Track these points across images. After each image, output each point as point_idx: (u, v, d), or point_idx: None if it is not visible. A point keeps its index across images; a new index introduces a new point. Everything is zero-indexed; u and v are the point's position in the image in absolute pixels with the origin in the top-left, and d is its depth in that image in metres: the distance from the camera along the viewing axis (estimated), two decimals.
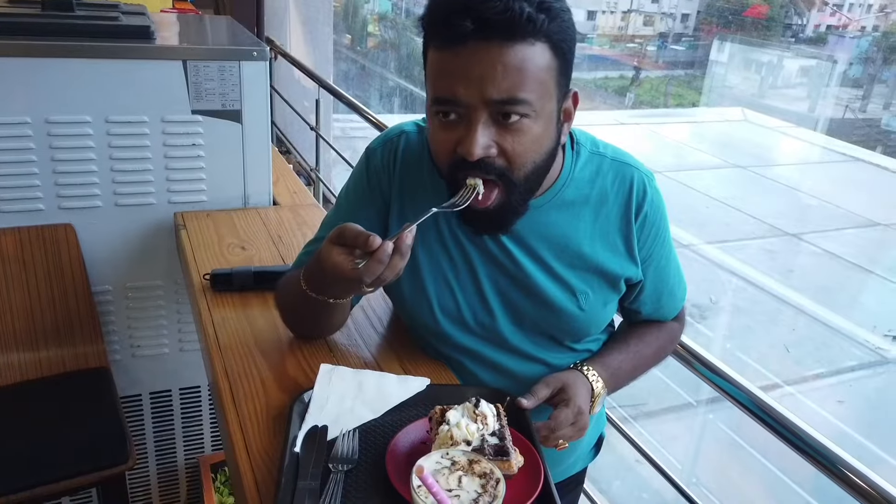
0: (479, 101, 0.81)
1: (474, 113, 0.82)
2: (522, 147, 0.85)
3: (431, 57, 0.85)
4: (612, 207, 0.99)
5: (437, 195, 0.98)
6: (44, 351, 1.67)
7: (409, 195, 1.02)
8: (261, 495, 0.84)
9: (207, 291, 1.32)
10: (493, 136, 0.84)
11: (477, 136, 0.82)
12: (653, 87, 18.96)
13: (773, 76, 17.52)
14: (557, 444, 0.93)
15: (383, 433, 0.92)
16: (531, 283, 0.99)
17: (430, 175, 1.00)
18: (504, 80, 0.80)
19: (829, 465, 1.03)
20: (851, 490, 1.00)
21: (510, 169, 0.86)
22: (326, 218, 1.11)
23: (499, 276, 1.00)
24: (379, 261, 0.82)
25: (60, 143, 1.59)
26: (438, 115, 0.86)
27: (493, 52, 0.79)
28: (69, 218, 1.66)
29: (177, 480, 2.02)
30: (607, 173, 0.99)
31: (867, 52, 16.90)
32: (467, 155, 0.83)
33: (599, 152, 1.01)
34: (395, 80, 12.82)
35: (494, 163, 0.85)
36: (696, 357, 1.28)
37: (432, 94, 0.86)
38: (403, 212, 1.02)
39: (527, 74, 0.81)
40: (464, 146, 0.83)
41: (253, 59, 1.67)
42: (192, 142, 1.69)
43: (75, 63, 1.55)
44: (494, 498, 0.63)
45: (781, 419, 1.11)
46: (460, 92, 0.82)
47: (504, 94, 0.81)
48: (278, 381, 1.05)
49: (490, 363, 1.05)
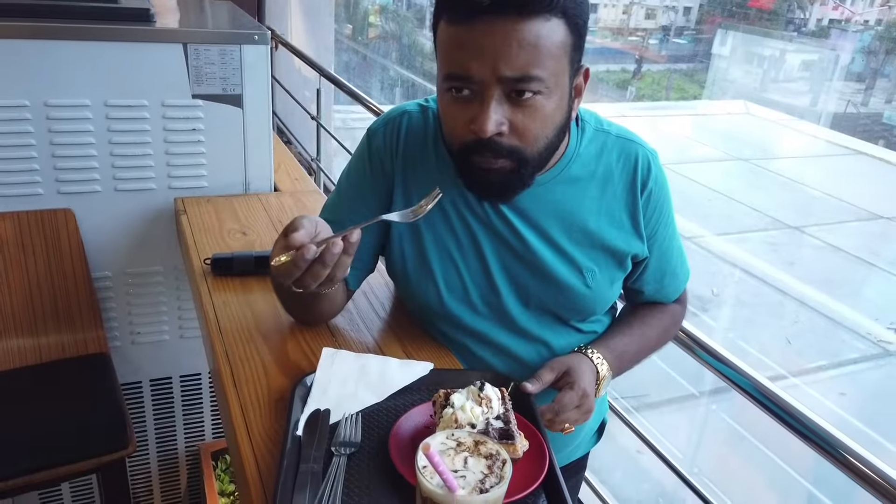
0: (493, 78, 0.80)
1: (487, 90, 0.81)
2: (535, 124, 0.84)
3: (443, 31, 0.84)
4: (618, 184, 0.99)
5: (441, 172, 0.98)
6: (43, 337, 1.66)
7: (413, 173, 1.00)
8: (262, 479, 0.83)
9: (208, 276, 1.31)
10: (506, 113, 0.83)
11: (490, 112, 0.81)
12: (654, 81, 18.89)
13: (776, 70, 17.45)
14: (563, 427, 0.92)
15: (386, 417, 0.91)
16: (538, 260, 0.98)
17: (435, 152, 0.99)
18: (518, 57, 0.79)
19: (831, 448, 1.03)
20: (852, 474, 1.00)
21: (522, 146, 0.85)
22: (328, 201, 1.10)
23: (505, 254, 0.99)
24: (295, 263, 0.79)
25: (60, 126, 1.57)
26: (451, 90, 0.85)
27: (507, 28, 0.78)
28: (69, 203, 1.64)
29: (177, 468, 2.01)
30: (612, 150, 0.99)
31: (869, 46, 16.83)
32: (480, 132, 0.82)
33: (604, 129, 1.00)
34: (397, 71, 12.78)
35: (506, 142, 0.84)
36: (699, 344, 1.27)
37: (445, 69, 0.84)
38: (408, 189, 1.00)
39: (541, 51, 0.80)
40: (476, 123, 0.82)
41: (254, 42, 1.65)
42: (192, 126, 1.67)
43: (75, 46, 1.53)
44: (501, 479, 0.61)
45: (783, 404, 1.11)
46: (473, 68, 0.81)
47: (518, 71, 0.80)
48: (280, 365, 1.04)
49: (495, 345, 1.04)
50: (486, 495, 0.60)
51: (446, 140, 0.92)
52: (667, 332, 1.15)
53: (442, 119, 0.91)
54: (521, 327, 1.02)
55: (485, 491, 0.60)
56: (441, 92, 0.87)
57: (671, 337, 1.19)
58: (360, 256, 1.00)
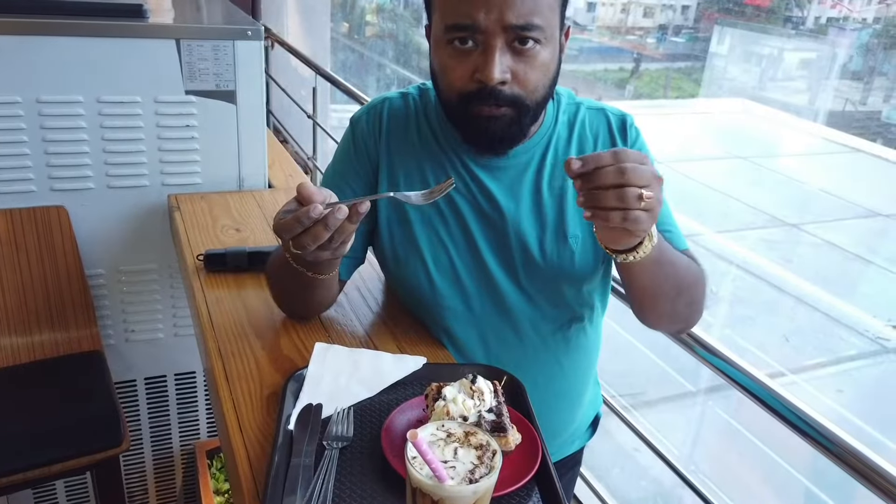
0: (498, 25, 0.85)
1: (492, 38, 0.85)
2: (535, 72, 0.89)
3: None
4: (596, 146, 1.02)
5: (426, 155, 1.01)
6: (37, 334, 1.66)
7: (398, 155, 1.03)
8: (254, 473, 0.83)
9: (201, 272, 1.30)
10: (509, 62, 0.87)
11: (496, 59, 0.85)
12: (652, 79, 18.90)
13: (774, 68, 17.47)
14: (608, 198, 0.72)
15: (379, 411, 0.91)
16: (521, 230, 0.99)
17: (418, 134, 1.02)
18: (522, 6, 0.84)
19: (828, 444, 1.02)
20: (850, 469, 0.99)
21: (523, 94, 0.89)
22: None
23: (490, 229, 1.00)
24: (299, 219, 0.79)
25: (52, 123, 1.57)
26: (453, 42, 0.88)
27: None
28: (61, 200, 1.64)
29: (172, 466, 2.01)
30: (584, 118, 1.03)
31: (868, 44, 16.85)
32: (487, 79, 0.86)
33: (576, 101, 1.05)
34: (394, 69, 12.77)
35: (508, 90, 0.88)
36: (697, 341, 1.27)
37: (449, 20, 0.87)
38: (393, 171, 1.02)
39: (540, 1, 0.85)
40: (483, 71, 0.86)
41: (247, 38, 1.65)
42: (185, 122, 1.67)
43: (67, 41, 1.53)
44: (491, 469, 0.61)
45: (782, 400, 1.10)
46: (480, 17, 0.84)
47: (522, 19, 0.84)
48: (272, 360, 1.04)
49: (485, 324, 1.03)
50: (476, 486, 0.59)
51: (444, 94, 0.94)
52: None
53: (441, 73, 0.93)
54: (510, 305, 1.03)
55: (474, 481, 0.60)
56: (441, 46, 0.90)
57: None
58: (352, 245, 1.00)
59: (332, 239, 0.82)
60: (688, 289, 0.98)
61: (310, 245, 0.82)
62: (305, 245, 0.82)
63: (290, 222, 0.80)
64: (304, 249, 0.83)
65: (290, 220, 0.80)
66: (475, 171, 1.00)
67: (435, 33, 0.92)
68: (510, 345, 1.05)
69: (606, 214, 0.73)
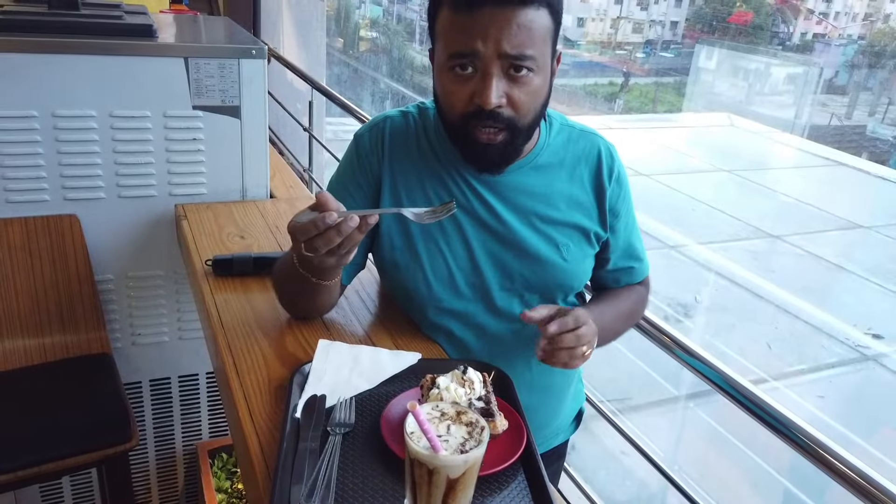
0: (495, 54, 0.94)
1: (490, 65, 0.94)
2: (528, 97, 0.98)
3: (446, 17, 0.96)
4: (584, 170, 1.12)
5: (426, 170, 1.09)
6: (48, 337, 1.72)
7: (399, 171, 1.11)
8: (265, 457, 0.90)
9: (209, 276, 1.37)
10: (505, 88, 0.96)
11: (493, 84, 0.95)
12: (641, 94, 19.09)
13: (760, 83, 17.68)
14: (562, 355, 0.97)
15: (378, 401, 0.98)
16: (518, 239, 1.09)
17: (418, 151, 1.10)
18: (517, 38, 0.93)
19: (806, 444, 1.09)
20: (828, 470, 1.06)
21: (517, 117, 0.98)
22: None
23: (487, 238, 1.09)
24: (315, 224, 0.88)
25: (66, 136, 1.65)
26: (454, 69, 0.97)
27: (508, 14, 0.92)
28: (74, 209, 1.71)
29: (175, 466, 2.07)
30: (577, 141, 1.13)
31: (853, 60, 17.08)
32: (485, 103, 0.95)
33: (569, 124, 1.15)
34: (387, 84, 12.87)
35: (504, 113, 0.97)
36: (680, 346, 1.35)
37: (450, 49, 0.96)
38: (395, 186, 1.10)
39: (534, 34, 0.94)
40: (481, 96, 0.95)
41: (251, 56, 1.74)
42: (192, 136, 1.75)
43: (81, 59, 1.61)
44: (479, 443, 0.70)
45: (761, 403, 1.17)
46: (479, 46, 0.93)
47: (517, 49, 0.94)
48: (279, 356, 1.10)
49: (477, 326, 1.12)
50: (466, 455, 0.68)
51: (446, 116, 1.03)
52: (636, 306, 1.26)
53: (443, 96, 1.02)
54: (501, 308, 1.12)
55: (465, 452, 0.69)
56: (444, 72, 0.99)
57: (640, 314, 1.31)
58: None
59: (341, 245, 0.91)
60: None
61: (321, 248, 0.91)
62: (317, 248, 0.91)
63: (306, 225, 0.90)
64: (315, 252, 0.92)
65: (307, 224, 0.90)
66: (473, 184, 1.09)
67: (438, 60, 1.00)
68: (501, 343, 1.14)
69: (555, 362, 0.97)
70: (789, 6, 17.56)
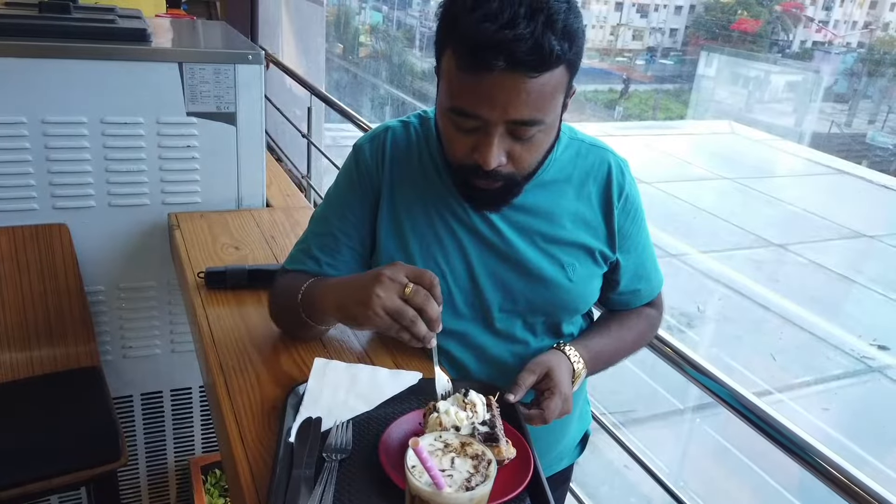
0: (500, 119, 0.86)
1: (493, 128, 0.86)
2: (532, 155, 0.91)
3: (452, 69, 0.87)
4: (592, 187, 1.05)
5: (427, 187, 1.03)
6: (36, 350, 1.67)
7: (399, 184, 1.05)
8: (256, 485, 0.85)
9: (202, 289, 1.33)
10: (506, 146, 0.89)
11: (494, 149, 0.87)
12: (641, 101, 19.10)
13: (760, 91, 17.71)
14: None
15: (376, 425, 0.93)
16: (521, 258, 1.03)
17: (420, 164, 1.04)
18: (526, 105, 0.84)
19: (812, 460, 1.05)
20: (835, 486, 1.02)
21: (517, 172, 0.92)
22: (317, 213, 1.13)
23: (490, 257, 1.03)
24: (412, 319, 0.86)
25: (56, 143, 1.60)
26: (456, 120, 0.89)
27: (518, 82, 0.83)
28: (63, 218, 1.67)
29: (167, 482, 2.02)
30: (586, 156, 1.06)
31: (852, 68, 17.12)
32: (483, 164, 0.88)
33: (578, 138, 1.07)
34: (387, 90, 12.87)
35: (504, 170, 0.90)
36: (686, 360, 1.31)
37: (452, 103, 0.88)
38: (394, 199, 1.05)
39: (546, 97, 0.85)
40: (480, 156, 0.88)
41: (248, 62, 1.70)
42: (186, 143, 1.71)
43: (72, 64, 1.56)
44: (486, 478, 0.65)
45: (768, 419, 1.13)
46: (483, 111, 0.85)
47: (526, 116, 0.85)
48: (273, 375, 1.06)
49: (476, 347, 1.07)
50: (472, 493, 0.63)
51: (445, 152, 0.97)
52: (643, 335, 1.19)
53: (442, 136, 0.95)
54: (500, 329, 1.06)
55: (471, 489, 0.63)
56: (444, 114, 0.91)
57: (648, 341, 1.24)
58: (344, 263, 1.06)
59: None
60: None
61: (391, 329, 0.88)
62: (389, 327, 0.88)
63: (403, 313, 0.86)
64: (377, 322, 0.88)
65: (405, 313, 0.86)
66: None
67: (441, 98, 0.91)
68: (501, 365, 1.08)
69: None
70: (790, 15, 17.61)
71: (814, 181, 12.15)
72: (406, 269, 0.88)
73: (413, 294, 0.86)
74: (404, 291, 0.86)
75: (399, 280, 0.87)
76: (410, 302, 0.86)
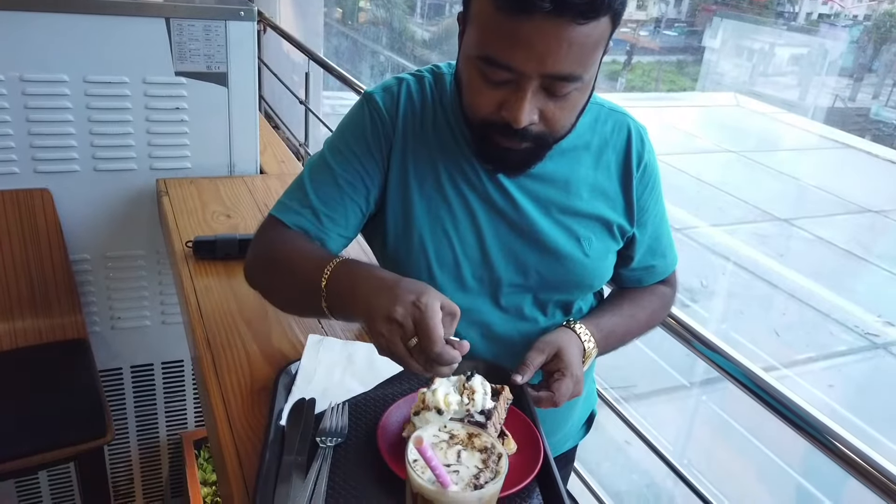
0: (536, 73, 0.77)
1: (527, 82, 0.78)
2: (565, 113, 0.83)
3: (487, 10, 0.77)
4: (611, 155, 0.98)
5: (439, 146, 0.94)
6: (19, 321, 1.62)
7: (411, 143, 0.95)
8: (243, 471, 0.82)
9: (190, 259, 1.28)
10: (539, 103, 0.80)
11: (526, 104, 0.78)
12: (644, 72, 18.90)
13: (765, 63, 17.50)
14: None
15: (374, 407, 0.88)
16: (535, 229, 0.95)
17: (433, 123, 0.95)
18: (567, 58, 0.76)
19: (820, 436, 1.02)
20: (842, 462, 0.99)
21: (548, 132, 0.83)
22: (313, 160, 1.00)
23: (502, 227, 0.95)
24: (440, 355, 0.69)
25: (36, 102, 1.53)
26: (485, 71, 0.80)
27: (561, 30, 0.74)
28: (46, 182, 1.60)
29: (158, 456, 1.98)
30: (605, 121, 0.98)
31: (858, 41, 16.90)
32: (513, 122, 0.79)
33: (597, 102, 0.99)
34: (387, 56, 12.68)
35: (534, 129, 0.82)
36: (694, 335, 1.26)
37: (483, 49, 0.79)
38: (405, 158, 0.95)
39: (587, 50, 0.77)
40: (510, 112, 0.79)
41: (240, 18, 1.61)
42: (175, 105, 1.63)
43: (52, 18, 1.48)
44: (497, 474, 0.58)
45: (778, 395, 1.09)
46: (517, 61, 0.76)
47: (565, 70, 0.77)
48: (263, 352, 1.02)
49: (483, 324, 1.00)
50: (482, 491, 0.56)
51: (466, 109, 0.87)
52: (656, 313, 1.13)
53: (465, 88, 0.85)
54: (510, 306, 0.99)
55: (479, 487, 0.56)
56: (471, 65, 0.82)
57: (661, 319, 1.18)
58: (345, 218, 0.94)
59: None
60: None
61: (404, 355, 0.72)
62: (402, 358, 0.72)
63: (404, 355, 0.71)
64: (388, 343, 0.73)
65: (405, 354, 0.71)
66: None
67: (467, 46, 0.82)
68: (508, 344, 1.01)
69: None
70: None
71: (819, 155, 12.04)
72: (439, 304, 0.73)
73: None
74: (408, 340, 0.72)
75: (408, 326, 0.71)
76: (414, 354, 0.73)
